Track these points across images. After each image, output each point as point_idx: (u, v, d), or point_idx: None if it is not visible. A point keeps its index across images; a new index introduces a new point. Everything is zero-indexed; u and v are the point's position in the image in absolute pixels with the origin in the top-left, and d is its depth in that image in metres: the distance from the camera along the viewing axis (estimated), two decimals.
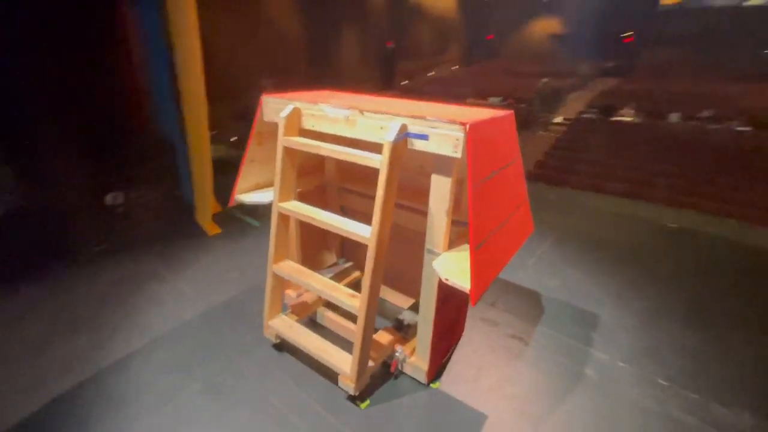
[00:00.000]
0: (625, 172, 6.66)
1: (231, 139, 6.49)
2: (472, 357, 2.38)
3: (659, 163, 7.09)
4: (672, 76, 14.83)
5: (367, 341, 1.92)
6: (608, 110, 10.20)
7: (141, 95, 3.75)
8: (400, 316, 2.32)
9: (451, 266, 1.75)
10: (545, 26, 17.68)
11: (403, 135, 1.67)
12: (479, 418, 1.98)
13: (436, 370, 2.22)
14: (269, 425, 1.91)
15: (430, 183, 1.90)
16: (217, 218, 3.82)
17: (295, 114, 2.01)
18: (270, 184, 2.62)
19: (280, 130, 1.99)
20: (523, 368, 2.33)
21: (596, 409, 2.08)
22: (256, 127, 2.28)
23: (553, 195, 5.33)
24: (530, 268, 3.31)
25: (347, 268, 2.81)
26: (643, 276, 3.37)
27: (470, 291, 1.57)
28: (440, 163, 1.69)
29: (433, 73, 16.26)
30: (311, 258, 2.74)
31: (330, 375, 2.10)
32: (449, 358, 2.35)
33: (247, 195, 2.42)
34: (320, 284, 2.05)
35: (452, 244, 1.88)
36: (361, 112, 1.80)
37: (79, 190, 3.46)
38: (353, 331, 2.36)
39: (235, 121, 6.20)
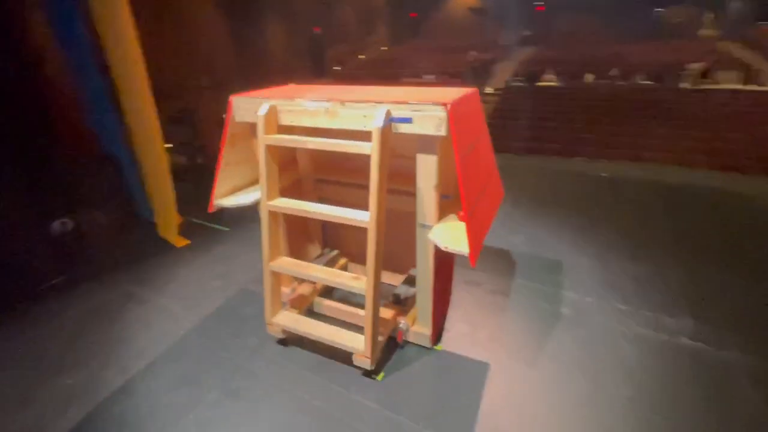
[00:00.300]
0: (556, 133, 7.27)
1: (167, 146, 6.12)
2: (464, 316, 2.61)
3: (583, 121, 7.82)
4: (581, 40, 16.14)
5: (377, 317, 2.04)
6: (533, 77, 10.93)
7: (74, 110, 3.44)
8: (396, 291, 2.48)
9: (446, 236, 1.92)
10: (463, 0, 18.26)
11: (389, 120, 1.78)
12: (483, 368, 2.21)
13: (438, 334, 2.41)
14: (297, 415, 1.99)
15: (401, 164, 2.03)
16: (181, 229, 3.68)
17: (272, 111, 2.03)
18: (246, 186, 2.61)
19: (260, 129, 2.00)
20: (510, 318, 2.60)
21: (576, 339, 2.40)
22: (228, 129, 2.25)
23: (499, 161, 5.73)
24: (496, 228, 3.60)
25: (334, 257, 2.89)
26: (589, 221, 3.83)
27: (470, 255, 1.75)
28: (424, 143, 1.83)
29: (363, 56, 16.20)
30: (297, 252, 2.78)
31: (341, 357, 2.21)
32: (445, 321, 2.56)
33: (227, 199, 2.40)
34: (322, 273, 2.13)
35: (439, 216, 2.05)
36: (342, 102, 1.87)
37: (20, 221, 3.14)
38: (353, 313, 2.49)
39: (169, 125, 5.85)
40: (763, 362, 2.17)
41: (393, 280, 2.80)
